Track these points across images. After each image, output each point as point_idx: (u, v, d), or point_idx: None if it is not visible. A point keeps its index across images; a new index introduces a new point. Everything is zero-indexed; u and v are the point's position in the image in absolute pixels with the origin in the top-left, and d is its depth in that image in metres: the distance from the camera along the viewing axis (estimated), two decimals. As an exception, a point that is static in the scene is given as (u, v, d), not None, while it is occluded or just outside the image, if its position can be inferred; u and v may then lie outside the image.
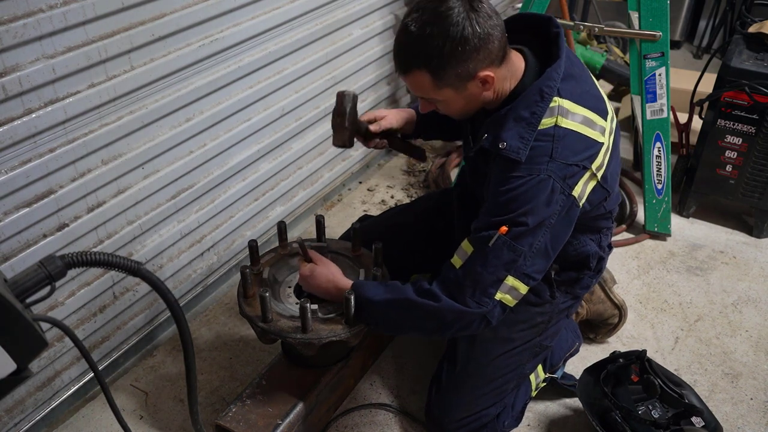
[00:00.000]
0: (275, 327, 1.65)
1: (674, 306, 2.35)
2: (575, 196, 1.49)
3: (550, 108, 1.47)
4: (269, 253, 1.91)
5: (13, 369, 0.95)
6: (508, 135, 1.46)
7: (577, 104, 1.50)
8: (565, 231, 1.54)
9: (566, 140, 1.46)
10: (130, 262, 1.15)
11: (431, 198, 2.16)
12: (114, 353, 2.05)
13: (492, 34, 1.40)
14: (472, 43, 1.38)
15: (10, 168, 1.55)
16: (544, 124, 1.47)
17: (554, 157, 1.45)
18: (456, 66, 1.41)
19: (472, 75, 1.43)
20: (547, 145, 1.45)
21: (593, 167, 1.50)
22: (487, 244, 1.47)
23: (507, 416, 1.83)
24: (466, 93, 1.48)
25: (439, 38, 1.38)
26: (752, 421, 1.95)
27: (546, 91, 1.47)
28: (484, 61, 1.42)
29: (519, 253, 1.47)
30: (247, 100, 2.19)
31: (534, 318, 1.76)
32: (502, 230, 1.45)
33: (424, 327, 1.60)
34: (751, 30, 2.61)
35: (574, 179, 1.48)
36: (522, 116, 1.47)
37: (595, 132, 1.51)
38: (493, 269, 1.49)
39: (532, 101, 1.47)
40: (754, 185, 2.58)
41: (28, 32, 1.48)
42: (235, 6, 2.01)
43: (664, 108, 2.48)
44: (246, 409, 1.73)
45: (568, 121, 1.47)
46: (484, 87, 1.47)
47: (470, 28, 1.37)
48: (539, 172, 1.44)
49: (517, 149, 1.45)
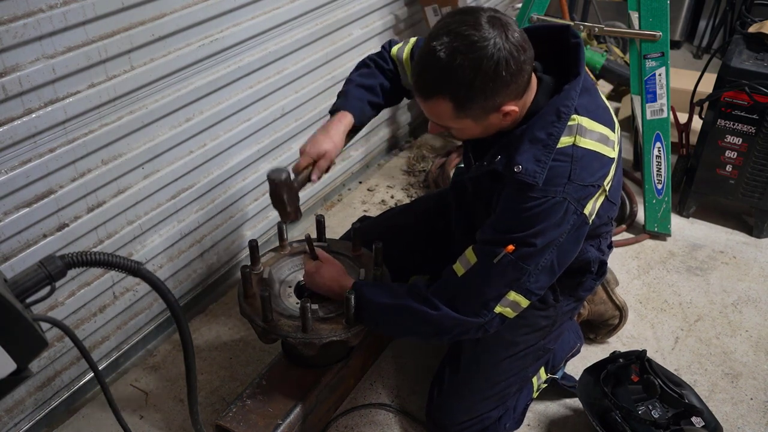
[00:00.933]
0: (276, 327, 1.65)
1: (674, 306, 2.35)
2: (586, 214, 1.46)
3: (568, 126, 1.41)
4: (269, 253, 1.91)
5: (13, 369, 0.95)
6: (523, 158, 1.39)
7: (594, 120, 1.45)
8: (574, 249, 1.52)
9: (584, 161, 1.42)
10: (130, 262, 1.15)
11: (431, 198, 2.16)
12: (114, 353, 2.05)
13: (524, 69, 1.34)
14: (505, 79, 1.31)
15: (10, 168, 1.55)
16: (562, 142, 1.41)
17: (572, 179, 1.40)
18: (483, 100, 1.34)
19: (497, 108, 1.37)
20: (566, 167, 1.40)
21: (605, 184, 1.48)
22: (492, 260, 1.44)
23: (508, 418, 1.83)
24: (486, 123, 1.42)
25: (471, 70, 1.29)
26: (752, 421, 1.95)
27: (563, 110, 1.40)
28: (511, 95, 1.36)
29: (524, 272, 1.45)
30: (247, 100, 2.19)
31: (538, 322, 1.75)
32: (508, 249, 1.41)
33: (422, 332, 1.59)
34: (751, 30, 2.61)
35: (588, 199, 1.45)
36: (538, 138, 1.40)
37: (608, 148, 1.48)
38: (496, 285, 1.47)
39: (548, 122, 1.40)
40: (754, 185, 2.58)
41: (28, 32, 1.48)
42: (235, 6, 2.01)
43: (664, 108, 2.48)
44: (246, 409, 1.73)
45: (585, 140, 1.43)
46: (504, 119, 1.42)
47: (504, 62, 1.29)
48: (555, 194, 1.40)
49: (534, 173, 1.39)
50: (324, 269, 1.72)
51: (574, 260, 1.68)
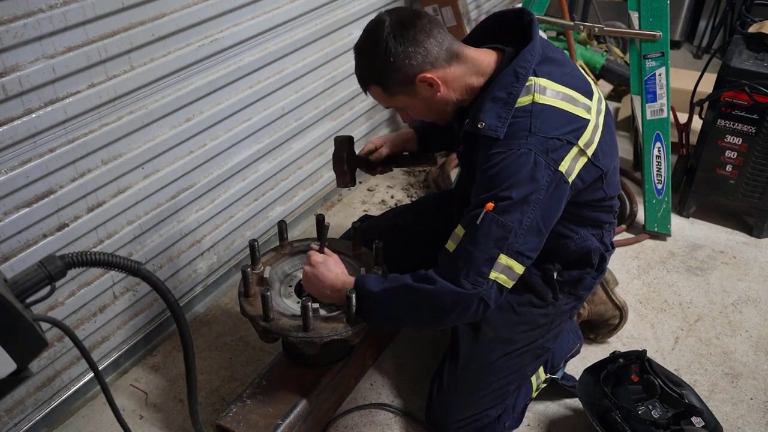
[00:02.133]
0: (277, 326, 1.65)
1: (674, 306, 2.35)
2: (562, 172, 1.50)
3: (526, 87, 1.51)
4: (269, 252, 1.91)
5: (13, 369, 0.95)
6: (486, 115, 1.51)
7: (556, 83, 1.54)
8: (557, 207, 1.55)
9: (544, 115, 1.50)
10: (130, 262, 1.15)
11: (431, 198, 2.16)
12: (114, 353, 2.05)
13: (421, 40, 1.51)
14: (399, 53, 1.50)
15: (10, 168, 1.55)
16: (521, 102, 1.51)
17: (533, 132, 1.48)
18: (394, 75, 1.53)
19: (412, 79, 1.53)
20: (525, 121, 1.49)
21: (580, 143, 1.51)
22: (476, 222, 1.49)
23: (508, 417, 1.83)
24: (420, 96, 1.57)
25: (372, 55, 1.53)
26: (752, 421, 1.95)
27: (520, 71, 1.51)
28: (421, 65, 1.51)
29: (508, 229, 1.48)
30: (247, 100, 2.19)
31: (537, 320, 1.76)
32: (488, 206, 1.48)
33: (423, 316, 1.60)
34: (751, 30, 2.61)
35: (558, 153, 1.49)
36: (498, 97, 1.51)
37: (577, 108, 1.54)
38: (484, 247, 1.49)
39: (507, 82, 1.52)
40: (754, 185, 2.58)
41: (28, 32, 1.48)
42: (235, 6, 2.01)
43: (664, 108, 2.48)
44: (246, 410, 1.73)
45: (545, 98, 1.51)
46: (433, 88, 1.55)
47: (392, 41, 1.50)
48: (519, 146, 1.48)
49: (495, 127, 1.49)
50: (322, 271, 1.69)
51: (575, 248, 1.70)
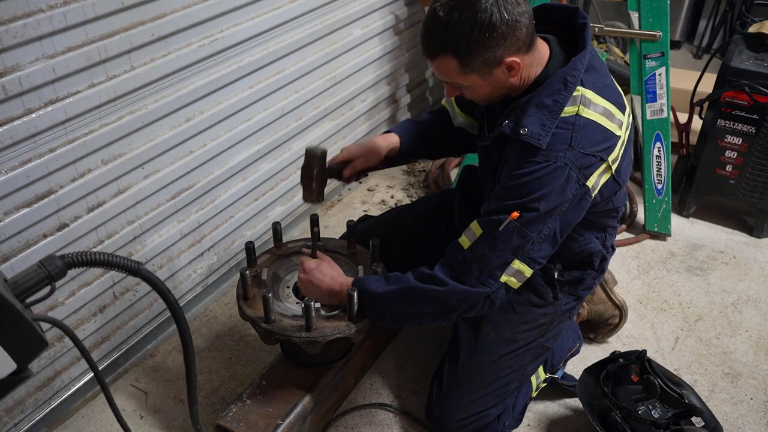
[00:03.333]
0: (279, 327, 1.65)
1: (674, 306, 2.35)
2: (589, 186, 1.50)
3: (573, 97, 1.48)
4: (265, 254, 1.91)
5: (13, 369, 0.95)
6: (529, 121, 1.46)
7: (599, 95, 1.51)
8: (575, 219, 1.56)
9: (586, 130, 1.47)
10: (130, 262, 1.15)
11: (432, 199, 2.16)
12: (114, 353, 2.05)
13: (520, 21, 1.40)
14: (500, 29, 1.38)
15: (10, 168, 1.55)
16: (566, 112, 1.47)
17: (573, 146, 1.46)
18: (483, 52, 1.41)
19: (499, 61, 1.44)
20: (567, 133, 1.46)
21: (609, 159, 1.51)
22: (497, 228, 1.48)
23: (507, 417, 1.83)
24: (492, 79, 1.48)
25: (467, 24, 1.38)
26: (752, 421, 1.95)
27: (570, 80, 1.47)
28: (511, 48, 1.43)
29: (528, 239, 1.49)
30: (247, 100, 2.19)
31: (537, 319, 1.76)
32: (513, 215, 1.46)
33: (429, 313, 1.60)
34: (751, 30, 2.61)
35: (591, 170, 1.49)
36: (545, 103, 1.47)
37: (613, 125, 1.52)
38: (501, 253, 1.50)
39: (555, 89, 1.47)
40: (754, 185, 2.58)
41: (28, 32, 1.48)
42: (235, 6, 2.01)
43: (664, 108, 2.48)
44: (246, 410, 1.73)
45: (589, 111, 1.48)
46: (510, 73, 1.47)
47: (498, 14, 1.37)
48: (556, 159, 1.45)
49: (538, 136, 1.45)
50: (324, 267, 1.70)
51: (578, 250, 1.70)
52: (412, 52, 3.06)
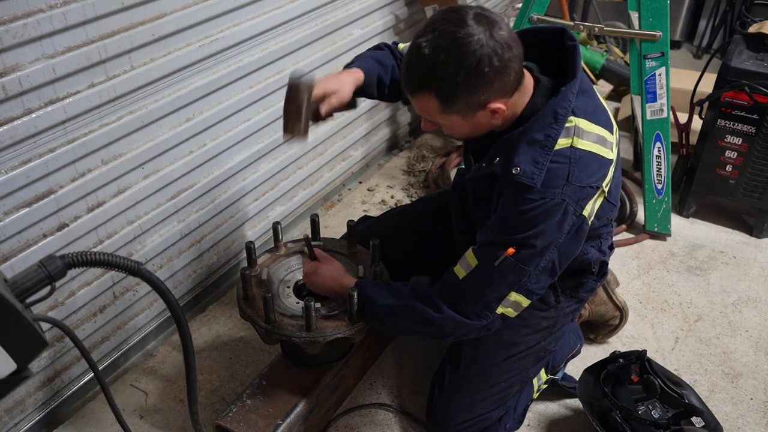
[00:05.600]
0: (279, 327, 1.65)
1: (674, 306, 2.35)
2: (585, 216, 1.46)
3: (566, 128, 1.41)
4: (265, 254, 1.91)
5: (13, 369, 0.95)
6: (521, 160, 1.40)
7: (591, 122, 1.45)
8: (574, 249, 1.53)
9: (581, 162, 1.42)
10: (130, 262, 1.16)
11: (432, 199, 2.16)
12: (114, 353, 2.05)
13: (509, 66, 1.33)
14: (488, 75, 1.31)
15: (10, 168, 1.55)
16: (560, 144, 1.41)
17: (570, 181, 1.40)
18: (467, 96, 1.34)
19: (483, 105, 1.37)
20: (564, 168, 1.40)
21: (604, 186, 1.48)
22: (493, 263, 1.45)
23: (509, 419, 1.83)
24: (474, 120, 1.42)
25: (453, 66, 1.30)
26: (752, 421, 1.95)
27: (560, 112, 1.41)
28: (497, 93, 1.36)
29: (525, 273, 1.46)
30: (247, 100, 2.19)
31: (539, 323, 1.75)
32: (509, 252, 1.42)
33: (425, 332, 1.60)
34: (751, 30, 2.61)
35: (587, 200, 1.45)
36: (536, 139, 1.40)
37: (606, 150, 1.48)
38: (497, 287, 1.48)
39: (546, 123, 1.41)
40: (754, 185, 2.58)
41: (28, 32, 1.48)
42: (235, 6, 2.01)
43: (664, 108, 2.48)
44: (246, 410, 1.73)
45: (583, 142, 1.43)
46: (493, 117, 1.41)
47: (487, 59, 1.29)
48: (554, 196, 1.40)
49: (532, 174, 1.39)
50: (323, 269, 1.72)
51: (575, 261, 1.67)
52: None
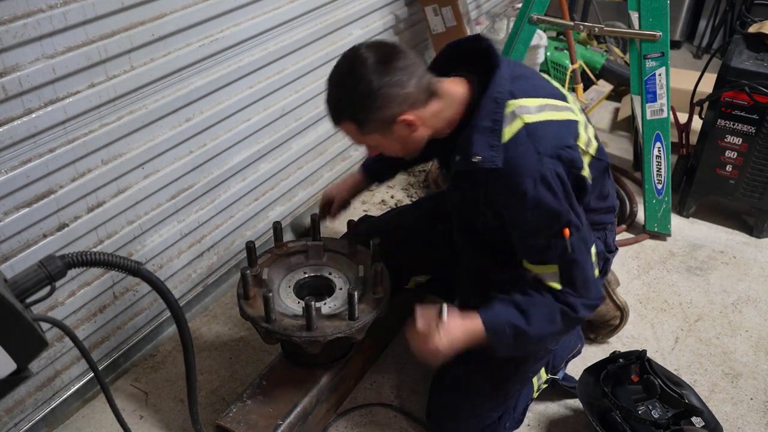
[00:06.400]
0: (279, 327, 1.65)
1: (674, 306, 2.35)
2: (585, 176, 1.53)
3: (510, 113, 1.48)
4: (265, 254, 1.91)
5: (13, 369, 0.96)
6: (477, 148, 1.48)
7: (534, 97, 1.52)
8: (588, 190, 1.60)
9: (540, 132, 1.47)
10: (130, 262, 1.16)
11: (431, 199, 2.16)
12: (114, 353, 2.05)
13: (401, 81, 1.43)
14: (381, 93, 1.42)
15: (10, 168, 1.55)
16: (512, 129, 1.47)
17: (542, 153, 1.45)
18: (374, 116, 1.45)
19: (394, 120, 1.46)
20: (528, 146, 1.46)
21: (580, 144, 1.53)
22: (567, 251, 1.49)
23: (508, 418, 1.83)
24: (395, 136, 1.51)
25: (351, 94, 1.44)
26: (752, 421, 1.95)
27: (498, 96, 1.48)
28: (402, 106, 1.45)
29: (583, 233, 1.51)
30: (247, 100, 2.19)
31: None
32: (566, 234, 1.48)
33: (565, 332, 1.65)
34: (751, 30, 2.61)
35: (574, 162, 1.49)
36: (484, 126, 1.48)
37: (562, 113, 1.53)
38: (586, 261, 1.54)
39: (490, 110, 1.49)
40: (754, 185, 2.58)
41: (28, 32, 1.48)
42: (235, 6, 2.01)
43: (664, 108, 2.48)
44: (246, 410, 1.73)
45: (531, 116, 1.49)
46: (410, 128, 1.49)
47: (376, 81, 1.41)
48: (536, 173, 1.44)
49: (492, 158, 1.46)
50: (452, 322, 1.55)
51: None
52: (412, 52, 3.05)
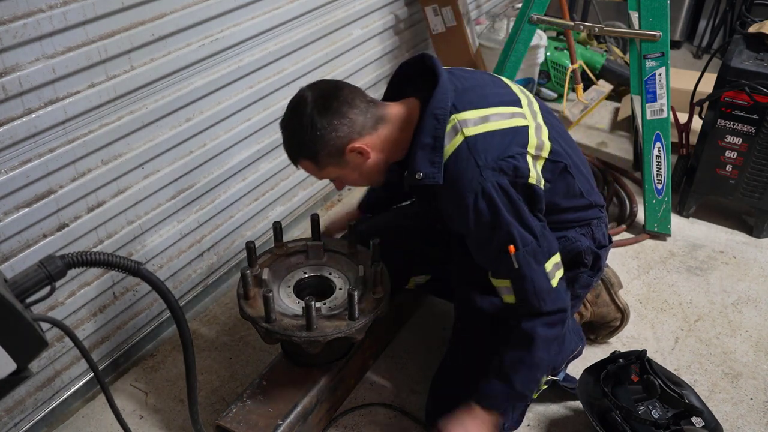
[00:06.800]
0: (279, 327, 1.65)
1: (674, 306, 2.35)
2: (533, 183, 1.53)
3: (452, 128, 1.51)
4: (265, 254, 1.92)
5: (13, 369, 0.96)
6: (419, 165, 1.51)
7: (477, 109, 1.54)
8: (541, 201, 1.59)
9: (480, 145, 1.49)
10: (130, 262, 1.16)
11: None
12: (114, 353, 2.05)
13: (341, 111, 1.50)
14: (324, 126, 1.49)
15: (10, 168, 1.55)
16: (454, 144, 1.50)
17: (482, 165, 1.48)
18: (323, 149, 1.52)
19: (343, 150, 1.53)
20: (469, 160, 1.48)
21: (530, 150, 1.53)
22: (514, 267, 1.52)
23: (508, 419, 1.82)
24: (351, 165, 1.57)
25: (298, 132, 1.52)
26: (752, 421, 1.95)
27: (439, 113, 1.51)
28: (348, 135, 1.52)
29: (533, 246, 1.52)
30: (247, 100, 2.19)
31: None
32: (511, 250, 1.50)
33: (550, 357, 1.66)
34: (751, 30, 2.61)
35: (519, 170, 1.50)
36: (425, 143, 1.52)
37: (509, 120, 1.54)
38: (537, 273, 1.55)
39: (431, 126, 1.51)
40: (754, 185, 2.58)
41: (28, 32, 1.48)
42: (235, 6, 2.01)
43: (664, 108, 2.48)
44: (246, 410, 1.73)
45: (473, 128, 1.51)
46: (363, 156, 1.55)
47: (317, 116, 1.49)
48: (478, 186, 1.48)
49: (433, 174, 1.50)
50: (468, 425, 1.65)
51: (566, 251, 1.71)
52: (412, 53, 3.06)
